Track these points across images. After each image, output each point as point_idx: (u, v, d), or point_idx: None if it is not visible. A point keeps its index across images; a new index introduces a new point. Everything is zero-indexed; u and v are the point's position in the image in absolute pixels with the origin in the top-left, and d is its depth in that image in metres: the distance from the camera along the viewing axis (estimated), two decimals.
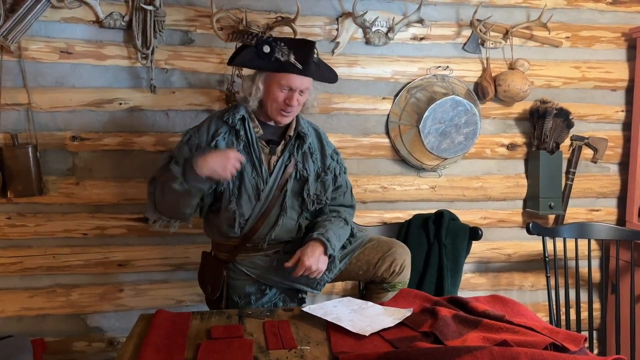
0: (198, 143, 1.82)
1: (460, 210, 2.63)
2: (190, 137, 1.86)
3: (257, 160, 1.85)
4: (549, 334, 1.41)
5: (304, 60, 1.79)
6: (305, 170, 1.91)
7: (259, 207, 1.86)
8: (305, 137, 1.92)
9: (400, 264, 1.93)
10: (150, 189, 1.83)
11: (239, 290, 1.89)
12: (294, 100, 1.82)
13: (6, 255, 2.34)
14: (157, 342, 1.41)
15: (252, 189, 1.84)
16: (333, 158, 2.02)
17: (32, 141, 2.27)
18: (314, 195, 1.94)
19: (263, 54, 1.79)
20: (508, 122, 2.70)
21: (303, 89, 1.84)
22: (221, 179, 1.72)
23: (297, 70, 1.79)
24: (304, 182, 1.92)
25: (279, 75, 1.80)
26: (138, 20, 2.26)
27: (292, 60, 1.78)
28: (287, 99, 1.82)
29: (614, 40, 2.72)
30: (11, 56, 2.23)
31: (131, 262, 2.45)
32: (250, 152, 1.85)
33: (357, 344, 1.42)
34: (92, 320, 2.46)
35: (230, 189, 1.82)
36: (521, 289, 2.81)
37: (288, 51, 1.78)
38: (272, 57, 1.78)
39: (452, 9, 2.57)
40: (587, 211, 2.82)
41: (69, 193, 2.34)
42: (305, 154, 1.92)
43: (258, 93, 1.84)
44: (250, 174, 1.83)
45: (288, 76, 1.80)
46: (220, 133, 1.83)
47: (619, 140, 2.79)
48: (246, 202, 1.84)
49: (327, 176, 1.97)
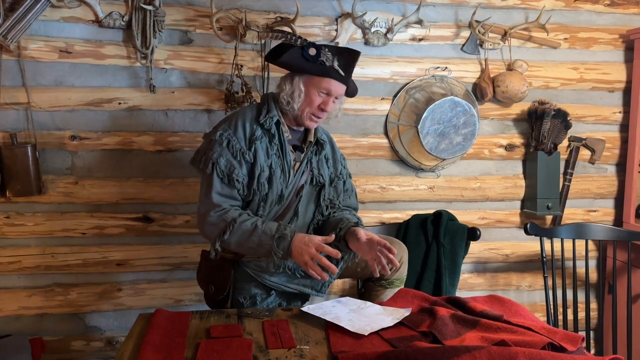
0: (240, 148, 1.79)
1: (458, 210, 2.64)
2: (229, 140, 1.80)
3: (287, 165, 1.85)
4: (546, 333, 1.42)
5: (346, 67, 1.81)
6: (321, 176, 1.93)
7: (275, 211, 1.86)
8: (324, 145, 1.95)
9: (399, 260, 1.93)
10: (218, 222, 1.74)
11: (244, 291, 1.88)
12: (329, 105, 1.83)
13: (5, 255, 2.34)
14: (156, 341, 1.41)
15: (277, 193, 1.84)
16: (342, 163, 2.04)
17: (31, 140, 2.27)
18: (328, 200, 1.96)
19: (309, 56, 1.78)
20: (506, 123, 2.71)
21: (338, 95, 1.85)
22: (305, 268, 1.68)
23: (338, 76, 1.80)
24: (320, 188, 1.93)
25: (320, 79, 1.81)
26: (137, 19, 2.26)
27: (335, 66, 1.79)
28: (322, 104, 1.82)
29: (612, 41, 2.73)
30: (10, 55, 2.23)
31: (130, 261, 2.45)
32: (282, 156, 1.85)
33: (356, 343, 1.42)
34: (90, 320, 2.46)
35: (260, 195, 1.81)
36: (519, 289, 2.82)
37: (332, 57, 1.79)
38: (318, 61, 1.79)
39: (451, 10, 2.58)
40: (585, 212, 2.83)
41: (67, 192, 2.35)
42: (321, 160, 1.94)
43: (301, 95, 1.83)
44: (278, 178, 1.83)
45: (329, 81, 1.81)
46: (257, 137, 1.81)
47: (616, 141, 2.81)
48: (269, 206, 1.84)
49: (340, 181, 1.99)
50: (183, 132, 2.42)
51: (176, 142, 2.41)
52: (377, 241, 1.72)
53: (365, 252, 1.76)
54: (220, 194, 1.78)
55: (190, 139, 2.41)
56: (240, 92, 2.36)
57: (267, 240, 1.70)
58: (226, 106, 2.39)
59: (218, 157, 1.78)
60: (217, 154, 1.78)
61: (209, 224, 1.77)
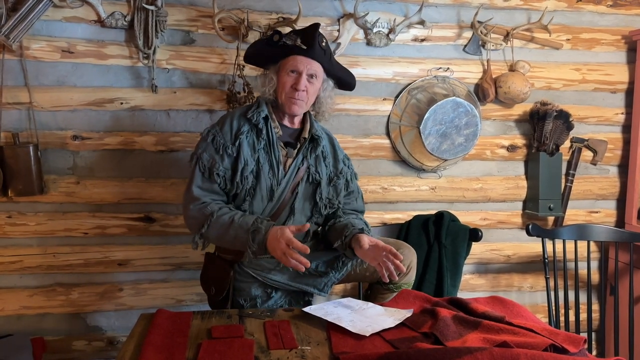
0: (223, 143, 1.82)
1: (460, 211, 2.64)
2: (214, 136, 1.84)
3: (275, 160, 1.85)
4: (548, 335, 1.42)
5: (308, 42, 1.81)
6: (317, 174, 1.92)
7: (270, 208, 1.86)
8: (319, 140, 1.94)
9: (408, 265, 1.93)
10: (198, 216, 1.78)
11: (244, 293, 1.87)
12: (301, 84, 1.82)
13: (6, 254, 2.34)
14: (158, 341, 1.41)
15: (267, 189, 1.84)
16: (345, 163, 2.03)
17: (33, 140, 2.28)
18: (326, 199, 1.95)
19: (272, 42, 1.83)
20: (508, 124, 2.71)
21: (311, 72, 1.84)
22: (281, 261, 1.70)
23: (302, 51, 1.81)
24: (316, 186, 1.93)
25: (287, 60, 1.84)
26: (140, 20, 2.26)
27: (297, 43, 1.81)
28: (294, 84, 1.83)
29: (614, 42, 2.73)
30: (13, 55, 2.23)
31: (131, 261, 2.45)
32: (270, 152, 1.85)
33: (357, 344, 1.42)
34: (91, 320, 2.47)
35: (246, 190, 1.82)
36: (520, 290, 2.82)
37: (295, 37, 1.82)
38: (280, 43, 1.82)
39: (453, 10, 2.58)
40: (587, 213, 2.82)
41: (69, 192, 2.35)
42: (318, 158, 1.93)
43: (271, 83, 1.86)
44: (267, 174, 1.84)
45: (294, 58, 1.83)
46: (243, 132, 1.83)
47: (618, 142, 2.80)
48: (259, 202, 1.84)
49: (339, 180, 1.98)
50: (185, 132, 2.42)
51: (178, 142, 2.41)
52: (382, 247, 1.72)
53: (370, 258, 1.76)
54: (201, 188, 1.82)
55: (192, 139, 2.41)
56: (242, 92, 2.36)
57: (242, 234, 1.72)
58: (228, 106, 2.39)
59: (202, 152, 1.84)
60: (202, 149, 1.84)
61: (190, 217, 1.82)
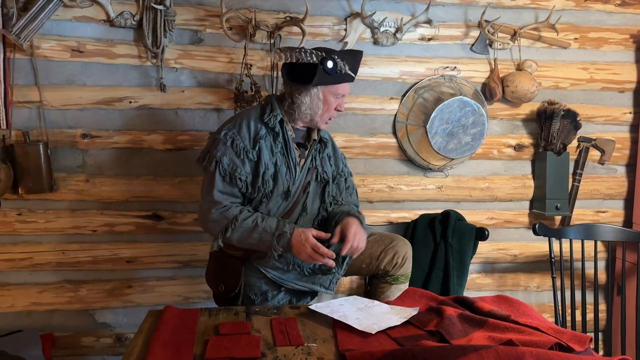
0: (244, 147, 1.83)
1: (466, 210, 2.64)
2: (233, 139, 1.84)
3: (292, 162, 1.89)
4: (554, 334, 1.42)
5: (354, 69, 1.89)
6: (325, 173, 1.99)
7: (284, 207, 1.91)
8: (327, 143, 2.02)
9: (402, 256, 1.97)
10: (220, 219, 1.81)
11: (255, 288, 1.92)
12: (343, 105, 1.93)
13: (16, 251, 2.37)
14: (165, 337, 1.42)
15: (283, 190, 1.89)
16: (343, 162, 2.11)
17: (43, 138, 2.30)
18: (331, 196, 2.01)
19: (329, 70, 1.84)
20: (515, 123, 2.70)
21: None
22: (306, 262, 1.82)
23: (351, 79, 1.90)
24: (324, 185, 1.99)
25: (337, 86, 1.88)
26: (148, 19, 2.28)
27: (348, 71, 1.86)
28: (338, 106, 1.92)
29: (623, 41, 2.71)
30: (23, 54, 2.26)
31: (139, 258, 2.47)
32: (287, 154, 1.89)
33: (363, 341, 1.43)
34: (100, 316, 2.49)
35: (264, 191, 1.86)
36: (527, 290, 2.81)
37: (343, 63, 1.85)
38: (336, 71, 1.85)
39: (460, 9, 2.58)
40: (594, 212, 2.81)
41: (78, 190, 2.37)
42: (324, 158, 2.00)
43: (320, 105, 1.88)
44: (284, 175, 1.88)
45: (345, 85, 1.90)
46: (261, 136, 1.85)
47: (626, 142, 2.79)
48: (275, 202, 1.89)
49: (341, 179, 2.06)
50: (193, 131, 2.44)
51: (186, 140, 2.43)
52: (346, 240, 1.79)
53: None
54: (222, 192, 1.84)
55: (200, 138, 2.43)
56: (250, 91, 2.37)
57: (267, 238, 1.78)
58: (235, 105, 2.40)
59: (221, 155, 1.83)
60: (221, 152, 1.83)
61: (211, 220, 1.83)
